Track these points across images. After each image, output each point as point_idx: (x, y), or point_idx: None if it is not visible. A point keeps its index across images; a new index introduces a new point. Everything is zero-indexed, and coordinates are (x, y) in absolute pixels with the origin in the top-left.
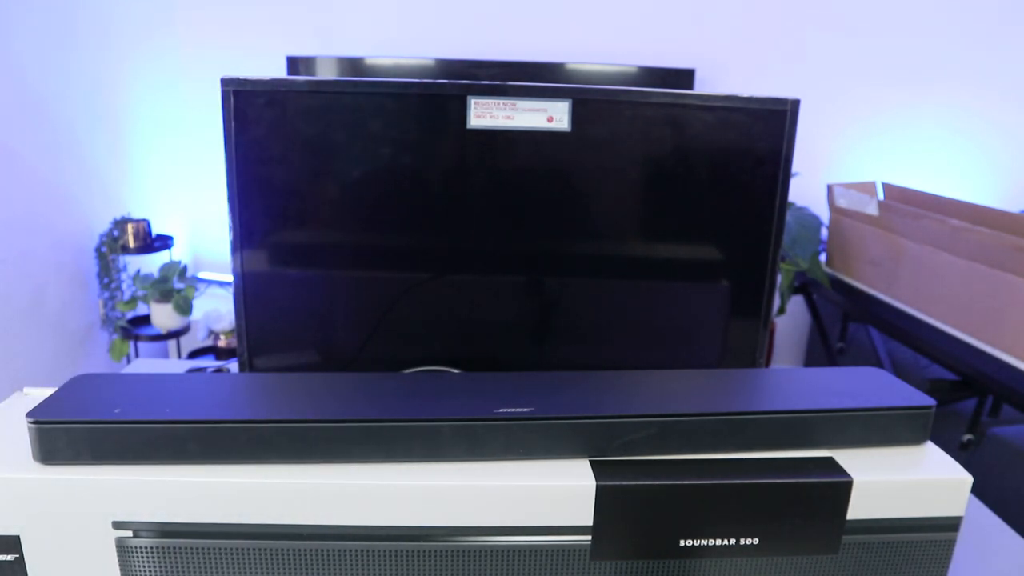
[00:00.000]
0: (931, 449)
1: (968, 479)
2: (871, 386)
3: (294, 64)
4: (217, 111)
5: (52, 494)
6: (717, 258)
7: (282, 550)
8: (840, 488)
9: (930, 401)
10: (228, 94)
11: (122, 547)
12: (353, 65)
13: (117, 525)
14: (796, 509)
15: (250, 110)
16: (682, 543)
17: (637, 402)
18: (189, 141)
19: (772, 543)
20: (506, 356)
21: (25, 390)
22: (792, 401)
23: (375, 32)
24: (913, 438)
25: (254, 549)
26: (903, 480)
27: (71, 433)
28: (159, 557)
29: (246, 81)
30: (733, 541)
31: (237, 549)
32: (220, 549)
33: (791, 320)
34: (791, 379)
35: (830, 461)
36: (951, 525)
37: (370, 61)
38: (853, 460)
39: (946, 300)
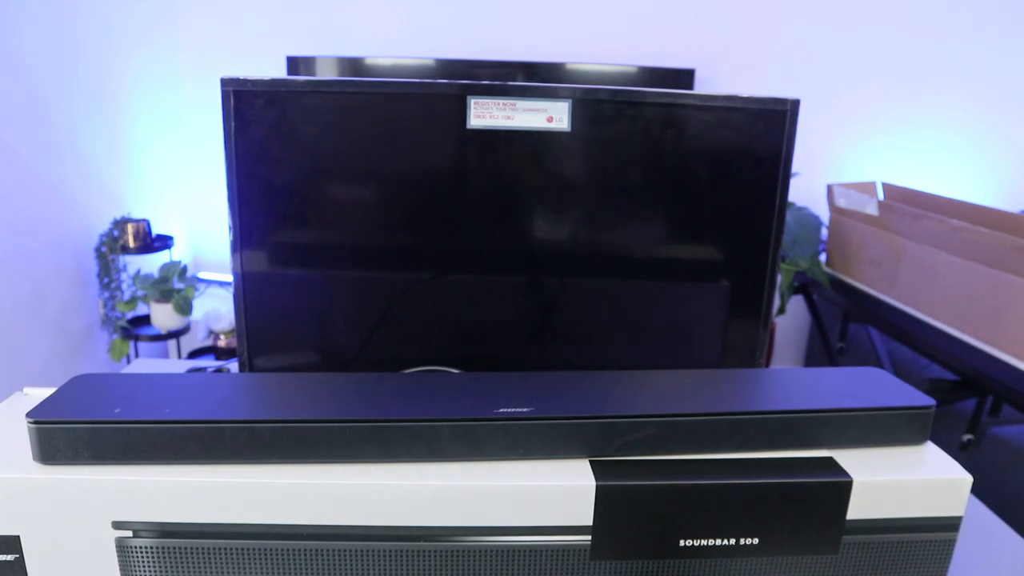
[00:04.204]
0: (931, 449)
1: (968, 479)
2: (871, 386)
3: (294, 64)
4: (217, 111)
5: (52, 494)
6: (717, 258)
7: (282, 550)
8: (840, 488)
9: (930, 401)
10: (228, 94)
11: (122, 547)
12: (353, 65)
13: (117, 525)
14: (796, 509)
15: (250, 110)
16: (682, 543)
17: (637, 402)
18: (189, 141)
19: (772, 543)
20: (506, 356)
21: (25, 390)
22: (792, 401)
23: (375, 32)
24: (913, 438)
25: (254, 549)
26: (903, 480)
27: (71, 433)
28: (159, 557)
29: (246, 81)
30: (733, 541)
31: (237, 549)
32: (220, 549)
33: (791, 320)
34: (791, 379)
35: (830, 461)
36: (951, 525)
37: (370, 61)
38: (853, 460)
39: (946, 300)
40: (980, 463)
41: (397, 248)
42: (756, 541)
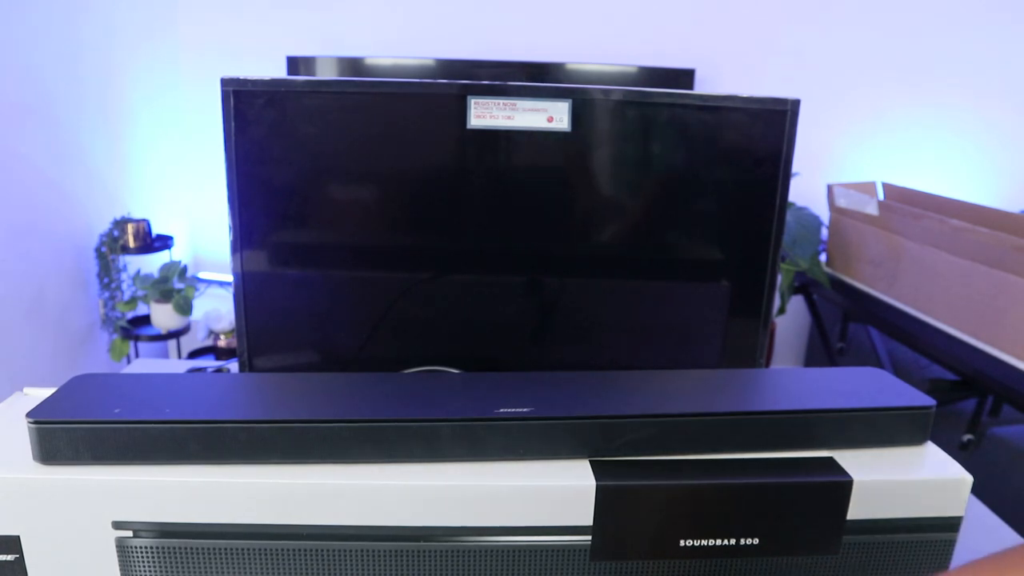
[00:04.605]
0: (931, 449)
1: (968, 479)
2: (871, 386)
3: (294, 64)
4: (217, 111)
5: (52, 494)
6: (717, 258)
7: (282, 550)
8: (840, 488)
9: (930, 401)
10: (228, 94)
11: (122, 547)
12: (353, 65)
13: (117, 525)
14: (796, 509)
15: (250, 110)
16: (682, 543)
17: (637, 402)
18: (189, 141)
19: (772, 543)
20: (506, 356)
21: (25, 390)
22: (792, 401)
23: (375, 32)
24: (913, 438)
25: (254, 549)
26: (903, 480)
27: (71, 433)
28: (159, 557)
29: (246, 81)
30: (733, 541)
31: (237, 549)
32: (220, 549)
33: (791, 320)
34: (791, 379)
35: (830, 461)
36: (951, 525)
37: (370, 61)
38: (853, 460)
39: (946, 300)
40: (980, 463)
41: (397, 248)
42: (756, 541)
